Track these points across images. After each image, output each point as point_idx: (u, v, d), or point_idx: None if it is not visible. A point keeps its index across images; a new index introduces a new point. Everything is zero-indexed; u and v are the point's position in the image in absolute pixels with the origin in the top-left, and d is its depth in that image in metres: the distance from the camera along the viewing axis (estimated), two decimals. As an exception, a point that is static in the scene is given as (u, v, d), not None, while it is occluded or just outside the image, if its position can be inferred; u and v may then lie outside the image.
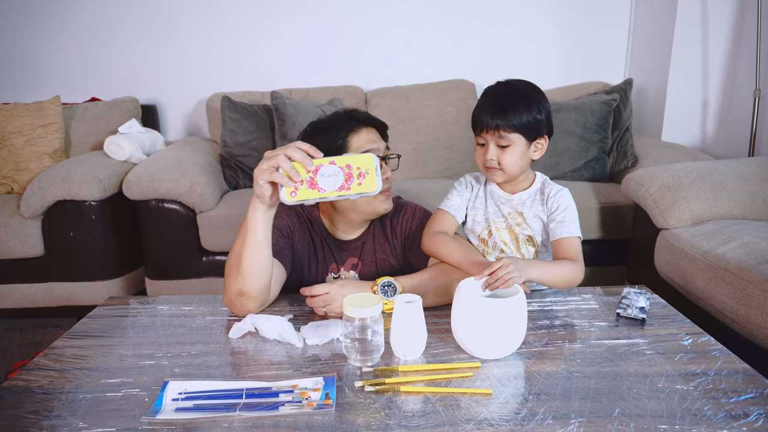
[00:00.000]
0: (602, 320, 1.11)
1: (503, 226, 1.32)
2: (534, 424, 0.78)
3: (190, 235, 2.29)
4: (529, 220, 1.30)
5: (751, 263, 1.44)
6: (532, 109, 1.21)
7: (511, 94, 1.23)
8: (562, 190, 1.31)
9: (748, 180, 1.82)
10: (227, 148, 2.62)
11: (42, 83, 3.00)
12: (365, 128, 1.28)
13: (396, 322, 0.96)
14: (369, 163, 0.97)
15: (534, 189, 1.32)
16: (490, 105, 1.23)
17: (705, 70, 2.64)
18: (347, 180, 0.96)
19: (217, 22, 2.97)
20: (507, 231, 1.32)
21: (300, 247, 1.32)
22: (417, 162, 2.77)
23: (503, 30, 3.00)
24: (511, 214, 1.31)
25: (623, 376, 0.90)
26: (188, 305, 1.22)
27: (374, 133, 1.29)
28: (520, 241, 1.31)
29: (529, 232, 1.30)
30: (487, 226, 1.33)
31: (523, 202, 1.31)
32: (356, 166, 0.97)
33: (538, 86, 1.27)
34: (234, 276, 1.09)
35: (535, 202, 1.31)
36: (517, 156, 1.23)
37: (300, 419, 0.80)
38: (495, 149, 1.23)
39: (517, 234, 1.31)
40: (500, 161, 1.24)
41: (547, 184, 1.33)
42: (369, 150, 1.23)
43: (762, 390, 0.85)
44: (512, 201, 1.31)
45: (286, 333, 1.03)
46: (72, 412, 0.83)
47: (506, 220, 1.32)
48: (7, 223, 2.23)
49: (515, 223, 1.31)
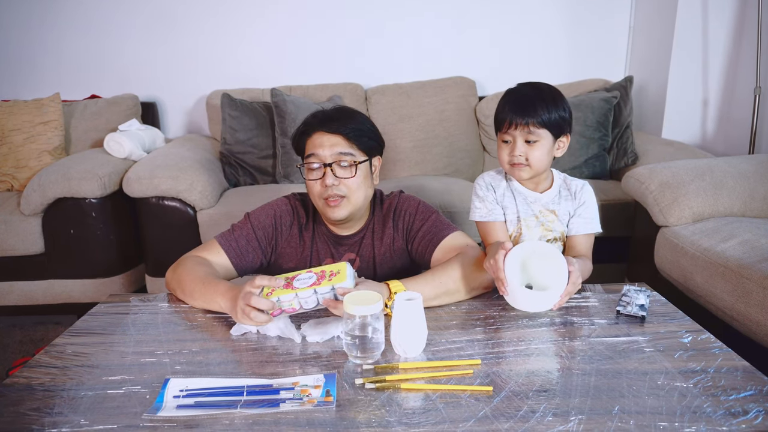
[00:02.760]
0: (602, 318, 1.11)
1: (534, 224, 1.32)
2: (534, 421, 0.78)
3: (190, 232, 2.29)
4: (561, 217, 1.32)
5: (750, 261, 1.44)
6: (558, 106, 1.24)
7: (537, 92, 1.26)
8: (586, 185, 1.34)
9: (748, 177, 1.82)
10: (227, 146, 2.62)
11: (42, 80, 2.99)
12: (318, 132, 1.25)
13: (396, 320, 0.97)
14: (341, 266, 1.06)
15: (558, 186, 1.34)
16: (518, 102, 1.25)
17: (705, 68, 2.63)
18: (319, 279, 1.03)
19: (217, 19, 2.96)
20: (539, 229, 1.32)
21: (290, 243, 1.33)
22: (417, 159, 2.76)
23: (503, 27, 2.99)
24: (543, 212, 1.32)
25: (623, 373, 0.90)
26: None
27: (328, 137, 1.24)
28: (552, 239, 1.32)
29: (562, 228, 1.32)
30: (518, 224, 1.33)
31: (553, 199, 1.32)
32: (329, 270, 1.05)
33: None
34: (178, 293, 1.23)
35: (563, 198, 1.33)
36: (544, 152, 1.25)
37: (301, 416, 0.80)
38: (523, 145, 1.25)
39: (550, 231, 1.32)
40: (528, 157, 1.25)
41: (569, 179, 1.36)
42: (312, 155, 1.24)
43: (761, 387, 0.85)
44: (542, 200, 1.32)
45: (287, 328, 1.03)
46: (73, 410, 0.83)
47: (537, 218, 1.32)
48: (7, 220, 2.23)
49: (548, 221, 1.32)
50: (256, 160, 2.63)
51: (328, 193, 1.22)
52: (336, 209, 1.24)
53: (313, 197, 1.27)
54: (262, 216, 1.32)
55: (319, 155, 1.23)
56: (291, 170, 2.55)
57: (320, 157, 1.23)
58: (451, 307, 1.16)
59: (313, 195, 1.27)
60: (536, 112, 1.22)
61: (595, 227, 1.32)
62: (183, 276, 1.21)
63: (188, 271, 1.21)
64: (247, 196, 2.36)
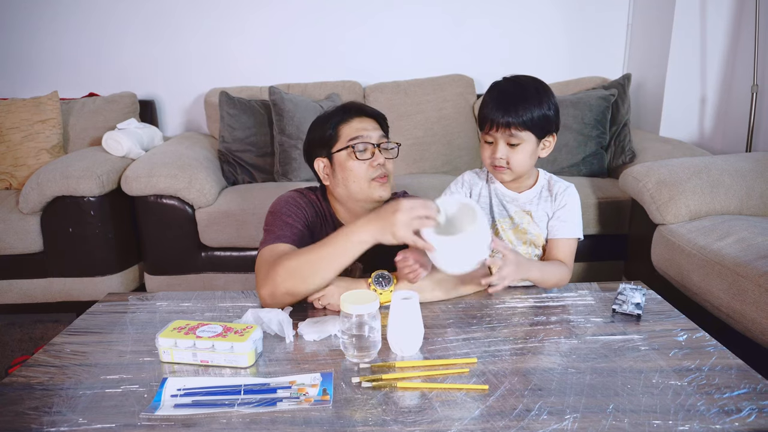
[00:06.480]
0: (598, 316, 1.12)
1: (509, 226, 1.30)
2: (529, 419, 0.79)
3: (188, 230, 2.30)
4: (537, 218, 1.28)
5: (746, 259, 1.45)
6: (542, 106, 1.18)
7: (521, 90, 1.20)
8: (570, 188, 1.29)
9: (745, 175, 1.82)
10: (225, 144, 2.62)
11: (39, 79, 2.99)
12: (357, 118, 1.29)
13: (393, 319, 0.97)
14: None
15: (540, 186, 1.30)
16: (500, 102, 1.19)
17: (703, 66, 2.64)
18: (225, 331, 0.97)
19: (215, 17, 2.96)
20: (513, 231, 1.30)
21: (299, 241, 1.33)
22: (415, 157, 2.77)
23: (501, 25, 3.00)
24: (518, 213, 1.29)
25: (618, 371, 0.91)
26: (187, 301, 1.22)
27: (368, 122, 1.29)
28: (527, 242, 1.30)
29: (537, 231, 1.29)
30: (492, 226, 1.31)
31: (531, 200, 1.29)
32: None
33: (544, 81, 1.24)
34: (297, 280, 1.10)
35: (542, 199, 1.29)
36: (527, 155, 1.22)
37: (298, 415, 0.81)
38: (504, 148, 1.21)
39: (525, 233, 1.29)
40: (509, 160, 1.21)
41: (554, 181, 1.31)
42: (358, 137, 1.25)
43: (755, 385, 0.86)
44: (519, 200, 1.29)
45: (285, 326, 1.04)
46: (72, 408, 0.84)
47: (512, 220, 1.29)
48: (5, 219, 2.23)
49: (523, 222, 1.29)
50: (255, 158, 2.63)
51: (378, 173, 1.25)
52: (386, 186, 1.27)
53: (358, 180, 1.26)
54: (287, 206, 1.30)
55: (364, 137, 1.25)
56: (289, 168, 2.55)
57: (367, 138, 1.26)
58: (448, 306, 1.17)
59: (357, 178, 1.26)
60: (517, 113, 1.17)
61: (574, 232, 1.26)
62: (290, 262, 1.11)
63: (295, 255, 1.12)
64: (246, 195, 2.36)
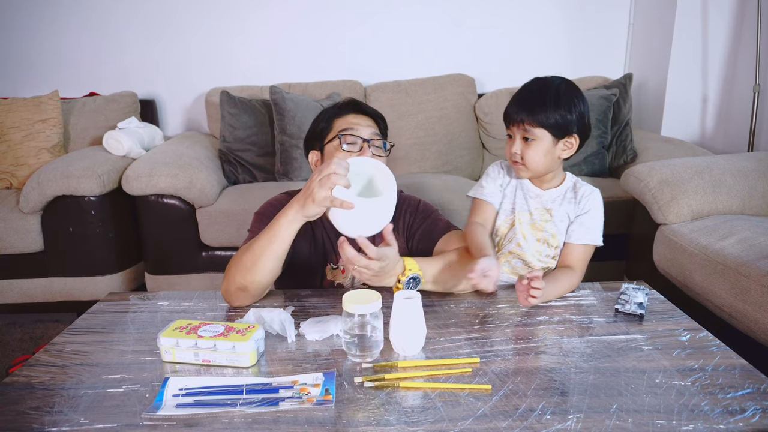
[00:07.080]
0: (601, 316, 1.11)
1: (527, 221, 1.31)
2: (532, 419, 0.78)
3: (189, 230, 2.30)
4: (557, 218, 1.29)
5: (749, 258, 1.45)
6: (560, 107, 1.21)
7: (543, 90, 1.23)
8: (595, 192, 1.31)
9: (747, 175, 1.82)
10: (226, 143, 2.62)
11: (40, 78, 2.99)
12: (353, 114, 1.29)
13: (395, 318, 0.97)
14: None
15: (565, 187, 1.31)
16: (520, 98, 1.24)
17: (705, 65, 2.63)
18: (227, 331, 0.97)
19: (215, 17, 2.96)
20: (530, 226, 1.30)
21: (300, 238, 1.33)
22: (416, 157, 2.76)
23: (502, 24, 2.99)
24: (539, 210, 1.30)
25: (621, 371, 0.91)
26: (188, 301, 1.22)
27: (363, 118, 1.29)
28: (541, 239, 1.30)
29: (553, 230, 1.29)
30: (511, 216, 1.32)
31: (554, 199, 1.30)
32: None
33: (576, 85, 1.26)
34: (243, 272, 1.12)
35: (566, 200, 1.30)
36: (540, 152, 1.23)
37: (300, 415, 0.81)
38: (520, 143, 1.24)
39: (541, 230, 1.29)
40: (523, 155, 1.24)
41: (580, 184, 1.32)
42: (348, 129, 1.24)
43: (759, 385, 0.86)
44: (542, 197, 1.30)
45: (286, 326, 1.04)
46: (73, 408, 0.83)
47: (531, 215, 1.30)
48: (6, 218, 2.23)
49: (541, 220, 1.29)
50: (255, 157, 2.63)
51: None
52: None
53: None
54: (270, 208, 1.28)
55: (355, 130, 1.25)
56: (290, 168, 2.55)
57: (358, 132, 1.25)
58: (450, 306, 1.16)
59: None
60: (534, 112, 1.21)
61: (594, 239, 1.27)
62: (236, 257, 1.14)
63: (241, 250, 1.15)
64: (247, 194, 2.36)
